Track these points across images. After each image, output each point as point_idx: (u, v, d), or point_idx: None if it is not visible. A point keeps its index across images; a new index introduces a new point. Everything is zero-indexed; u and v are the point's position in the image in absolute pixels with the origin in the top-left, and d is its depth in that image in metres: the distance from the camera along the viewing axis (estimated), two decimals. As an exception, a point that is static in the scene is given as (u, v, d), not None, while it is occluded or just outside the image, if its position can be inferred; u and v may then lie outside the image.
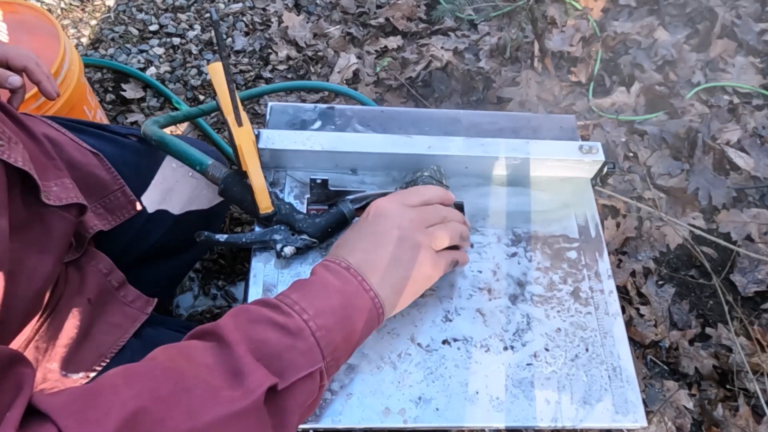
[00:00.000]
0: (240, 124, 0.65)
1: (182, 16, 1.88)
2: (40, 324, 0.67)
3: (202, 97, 1.72)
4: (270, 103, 0.87)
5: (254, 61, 1.80)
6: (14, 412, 0.39)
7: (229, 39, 1.84)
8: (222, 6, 1.92)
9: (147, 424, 0.42)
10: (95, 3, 1.89)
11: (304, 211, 0.74)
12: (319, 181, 0.76)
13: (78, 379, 0.69)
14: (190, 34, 1.84)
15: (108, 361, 0.71)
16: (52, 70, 1.08)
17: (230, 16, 1.89)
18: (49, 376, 0.67)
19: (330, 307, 0.54)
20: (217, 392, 0.46)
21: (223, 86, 0.66)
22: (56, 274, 0.68)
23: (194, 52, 1.80)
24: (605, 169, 0.79)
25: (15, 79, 0.76)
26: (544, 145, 0.78)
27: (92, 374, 0.70)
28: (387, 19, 1.90)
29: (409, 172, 0.80)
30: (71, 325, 0.69)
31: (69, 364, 0.68)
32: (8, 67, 0.78)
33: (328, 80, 1.75)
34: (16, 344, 0.65)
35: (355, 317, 0.55)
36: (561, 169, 0.80)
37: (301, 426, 0.61)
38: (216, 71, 0.68)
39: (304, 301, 0.54)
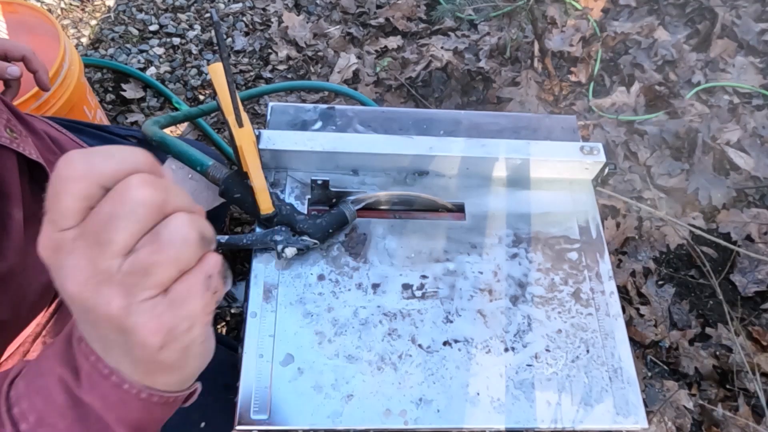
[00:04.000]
0: (241, 124, 0.64)
1: (182, 16, 1.87)
2: (47, 319, 0.67)
3: (202, 97, 1.72)
4: (271, 104, 0.87)
5: (254, 61, 1.80)
6: None
7: (229, 39, 1.84)
8: (222, 6, 1.92)
9: None
10: (95, 3, 1.89)
11: (305, 212, 0.74)
12: (320, 182, 0.76)
13: None
14: (190, 34, 1.84)
15: None
16: (52, 70, 1.08)
17: (230, 16, 1.89)
18: None
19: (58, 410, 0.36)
20: None
21: (223, 87, 0.65)
22: None
23: (194, 52, 1.80)
24: (606, 170, 0.79)
25: (14, 69, 0.77)
26: (544, 146, 0.78)
27: None
28: (387, 19, 1.89)
29: (409, 173, 0.80)
30: None
31: None
32: (6, 60, 0.78)
33: (328, 80, 1.74)
34: (22, 339, 0.65)
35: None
36: (562, 170, 0.80)
37: (302, 426, 0.61)
38: (216, 72, 0.68)
39: (25, 401, 0.36)
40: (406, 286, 0.71)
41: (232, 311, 1.33)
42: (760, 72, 1.69)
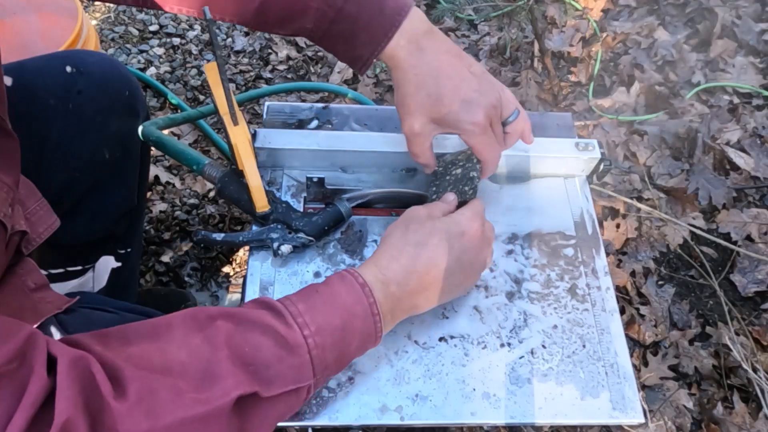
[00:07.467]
0: (236, 123, 0.65)
1: (182, 17, 1.88)
2: None
3: (202, 98, 1.72)
4: (267, 102, 0.88)
5: (254, 61, 1.81)
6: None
7: (229, 39, 1.84)
8: (222, 7, 1.92)
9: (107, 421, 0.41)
10: (95, 3, 1.90)
11: (301, 210, 0.75)
12: (315, 180, 0.76)
13: None
14: (190, 34, 1.84)
15: None
16: (65, 45, 1.05)
17: (230, 17, 1.90)
18: None
19: (332, 327, 0.53)
20: (183, 394, 0.45)
21: (218, 86, 0.66)
22: None
23: (194, 52, 1.80)
24: (601, 166, 0.79)
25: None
26: (540, 143, 0.78)
27: None
28: (387, 20, 1.90)
29: (405, 170, 0.80)
30: None
31: None
32: None
33: (328, 80, 1.75)
34: None
35: (354, 340, 0.55)
36: (557, 166, 0.80)
37: (298, 423, 0.61)
38: (212, 71, 0.68)
39: (308, 314, 0.53)
40: (402, 283, 0.71)
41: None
42: (760, 72, 1.69)
